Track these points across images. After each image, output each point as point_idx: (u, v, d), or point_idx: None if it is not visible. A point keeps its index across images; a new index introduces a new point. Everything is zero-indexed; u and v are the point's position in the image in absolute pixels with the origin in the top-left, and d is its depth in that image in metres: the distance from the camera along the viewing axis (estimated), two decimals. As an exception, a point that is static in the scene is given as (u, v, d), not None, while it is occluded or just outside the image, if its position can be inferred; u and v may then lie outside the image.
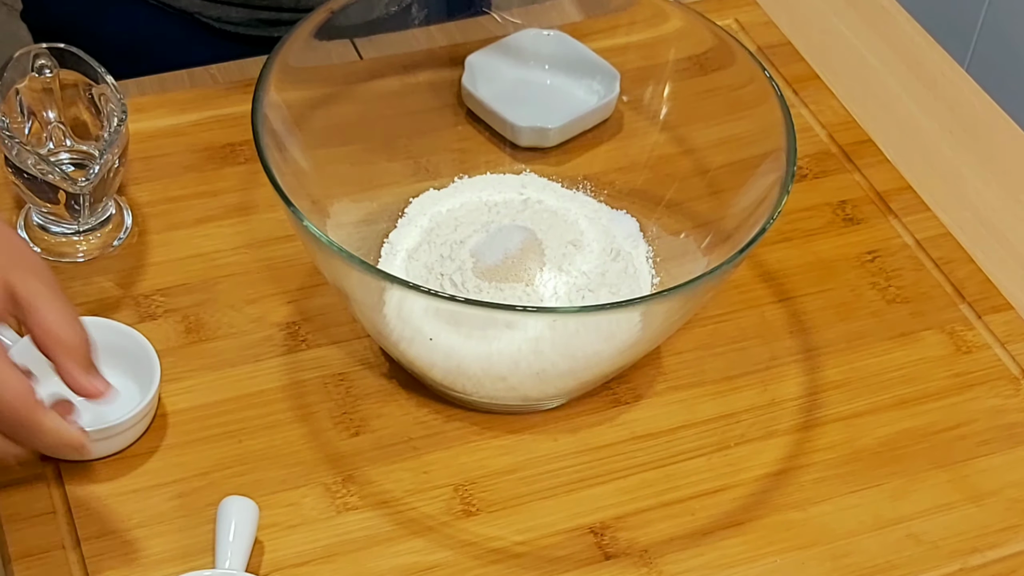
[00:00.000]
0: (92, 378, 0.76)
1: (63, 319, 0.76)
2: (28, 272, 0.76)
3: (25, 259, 0.77)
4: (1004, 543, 0.86)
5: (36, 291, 0.76)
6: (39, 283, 0.76)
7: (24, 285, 0.76)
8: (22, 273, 0.76)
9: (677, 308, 0.85)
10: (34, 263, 0.77)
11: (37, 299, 0.76)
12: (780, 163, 0.87)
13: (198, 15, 1.14)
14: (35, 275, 0.76)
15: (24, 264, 0.76)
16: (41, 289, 0.76)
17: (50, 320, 0.75)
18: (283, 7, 1.15)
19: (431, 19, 1.03)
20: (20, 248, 0.78)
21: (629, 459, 0.89)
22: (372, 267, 0.81)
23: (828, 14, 1.21)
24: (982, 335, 0.97)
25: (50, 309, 0.76)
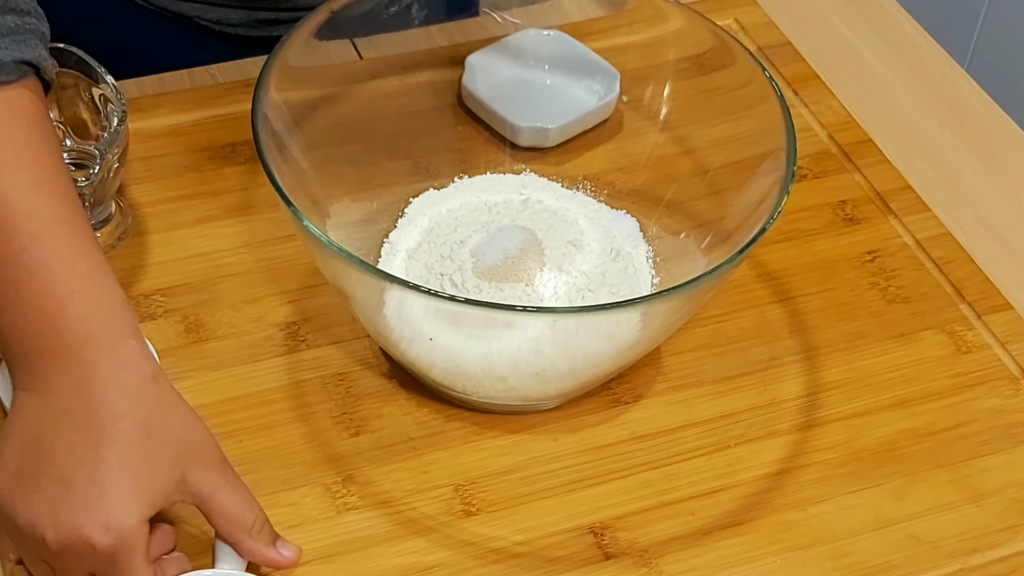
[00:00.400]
0: (281, 548, 0.77)
1: (244, 505, 0.77)
2: (205, 465, 0.76)
3: (203, 449, 0.77)
4: (1004, 543, 0.86)
5: (214, 484, 0.76)
6: (217, 475, 0.77)
7: (202, 480, 0.76)
8: (200, 469, 0.76)
9: (677, 308, 0.85)
10: (210, 452, 0.77)
11: (217, 492, 0.76)
12: (780, 163, 0.87)
13: (197, 19, 1.14)
14: (212, 467, 0.77)
15: (201, 456, 0.76)
16: (219, 481, 0.77)
17: (233, 510, 0.76)
18: (281, 7, 1.15)
19: (431, 19, 1.03)
20: (199, 436, 0.77)
21: (629, 459, 0.89)
22: (372, 267, 0.81)
23: (828, 14, 1.21)
24: (982, 335, 0.97)
25: (231, 500, 0.77)
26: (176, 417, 0.77)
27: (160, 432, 0.75)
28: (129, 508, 0.73)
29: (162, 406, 0.76)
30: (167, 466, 0.75)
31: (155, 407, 0.76)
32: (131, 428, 0.74)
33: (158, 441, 0.75)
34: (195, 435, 0.77)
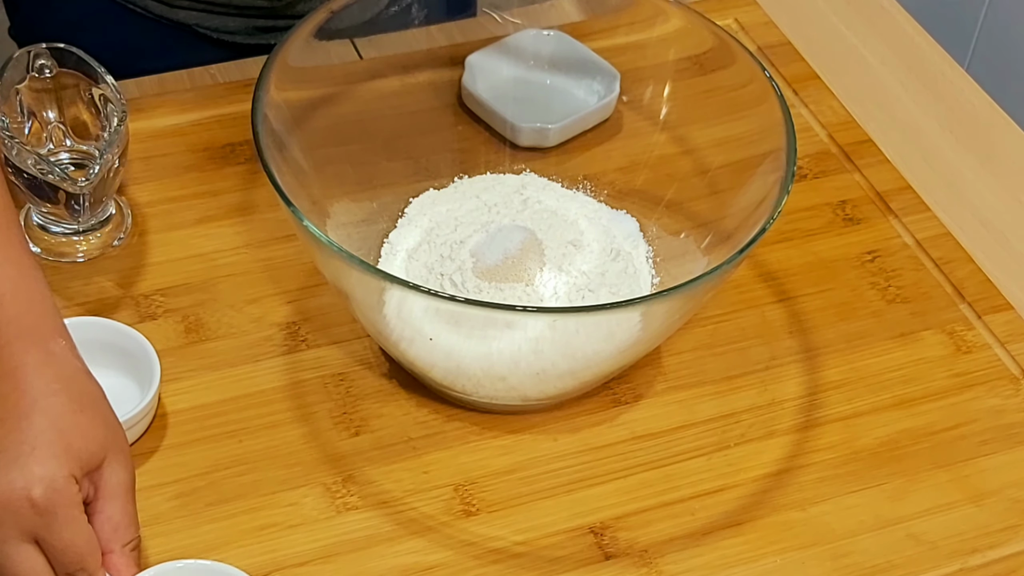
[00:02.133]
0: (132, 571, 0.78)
1: (131, 521, 0.78)
2: (123, 464, 0.78)
3: (123, 451, 0.78)
4: (1004, 543, 0.86)
5: (121, 485, 0.78)
6: (128, 479, 0.78)
7: (115, 475, 0.77)
8: (118, 465, 0.78)
9: (677, 308, 0.85)
10: (128, 457, 0.79)
11: (119, 494, 0.78)
12: (780, 163, 0.87)
13: (196, 26, 1.14)
14: (127, 471, 0.78)
15: (121, 455, 0.78)
16: (127, 485, 0.78)
17: (120, 520, 0.77)
18: (279, 15, 1.14)
19: (431, 19, 1.03)
20: (122, 437, 0.79)
21: (629, 459, 0.89)
22: (372, 267, 0.81)
23: (828, 14, 1.21)
24: (982, 335, 0.97)
25: (125, 509, 0.78)
26: (105, 410, 0.79)
27: (90, 413, 0.77)
28: (60, 462, 0.74)
29: (93, 396, 0.78)
30: (95, 441, 0.76)
31: (86, 395, 0.78)
32: (62, 402, 0.76)
33: (88, 419, 0.77)
34: (118, 432, 0.79)
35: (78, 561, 0.75)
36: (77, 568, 0.75)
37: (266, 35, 1.15)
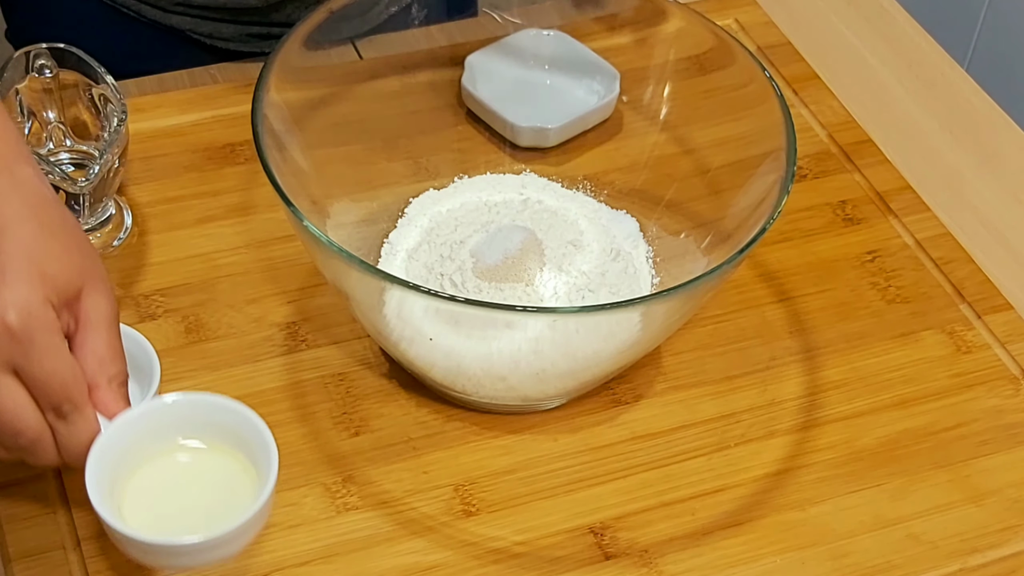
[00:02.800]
0: (121, 406, 0.75)
1: (115, 353, 0.75)
2: (102, 292, 0.75)
3: (101, 278, 0.75)
4: (1004, 543, 0.86)
5: (102, 315, 0.74)
6: (108, 308, 0.75)
7: (94, 305, 0.74)
8: (97, 294, 0.74)
9: (677, 308, 0.85)
10: (107, 285, 0.75)
11: (101, 324, 0.74)
12: (780, 163, 0.87)
13: (190, 32, 1.14)
14: (107, 299, 0.75)
15: (99, 282, 0.75)
16: (108, 315, 0.75)
17: (104, 352, 0.74)
18: (273, 22, 1.14)
19: (431, 19, 1.03)
20: (98, 264, 0.76)
21: (629, 459, 0.89)
22: (372, 267, 0.81)
23: (828, 14, 1.21)
24: (982, 335, 0.97)
25: (108, 341, 0.74)
26: (78, 237, 0.75)
27: (62, 240, 0.73)
28: (34, 287, 0.71)
29: (65, 222, 0.75)
30: (71, 268, 0.73)
31: (57, 221, 0.74)
32: (33, 229, 0.73)
33: (61, 246, 0.73)
34: (96, 260, 0.75)
35: (62, 392, 0.72)
36: (62, 400, 0.72)
37: (260, 42, 1.15)
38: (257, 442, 0.75)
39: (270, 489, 0.73)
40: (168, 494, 0.75)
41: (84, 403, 0.73)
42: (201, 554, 0.72)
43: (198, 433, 0.76)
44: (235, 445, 0.76)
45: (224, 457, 0.76)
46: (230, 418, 0.75)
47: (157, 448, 0.76)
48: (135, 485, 0.75)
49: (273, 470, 0.73)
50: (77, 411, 0.73)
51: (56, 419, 0.73)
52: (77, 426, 0.73)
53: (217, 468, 0.76)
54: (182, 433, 0.76)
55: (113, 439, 0.74)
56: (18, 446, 0.73)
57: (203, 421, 0.76)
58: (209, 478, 0.76)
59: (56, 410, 0.72)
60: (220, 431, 0.76)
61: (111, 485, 0.73)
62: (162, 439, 0.76)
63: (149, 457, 0.75)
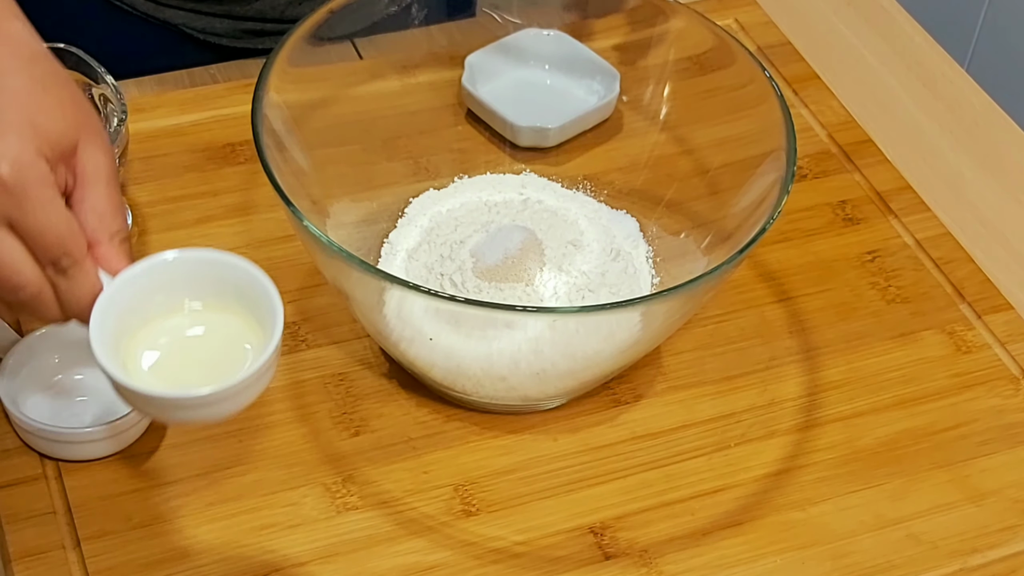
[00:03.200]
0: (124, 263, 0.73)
1: (117, 209, 0.73)
2: (98, 146, 0.73)
3: (97, 131, 0.73)
4: (1004, 543, 0.86)
5: (100, 168, 0.73)
6: (106, 161, 0.73)
7: (91, 158, 0.72)
8: (93, 148, 0.73)
9: (677, 308, 0.85)
10: (104, 139, 0.74)
11: (100, 178, 0.72)
12: (780, 163, 0.87)
13: (183, 26, 1.14)
14: (104, 153, 0.73)
15: (95, 136, 0.73)
16: (106, 168, 0.73)
17: (104, 208, 0.72)
18: (267, 18, 1.14)
19: (431, 19, 1.03)
20: (94, 118, 0.74)
21: (629, 459, 0.89)
22: (372, 267, 0.81)
23: (828, 14, 1.21)
24: (982, 335, 0.97)
25: (108, 196, 0.73)
26: (72, 91, 0.74)
27: (55, 93, 0.72)
28: (25, 139, 0.69)
29: (57, 76, 0.73)
30: (64, 120, 0.71)
31: (50, 75, 0.73)
32: (24, 82, 0.71)
33: (54, 99, 0.72)
34: (91, 114, 0.74)
35: (59, 245, 0.70)
36: (59, 253, 0.70)
37: (254, 39, 1.15)
38: (263, 300, 0.73)
39: (275, 344, 0.71)
40: (173, 351, 0.74)
41: (83, 257, 0.71)
42: (206, 407, 0.71)
43: (203, 292, 0.74)
44: (240, 304, 0.74)
45: (229, 315, 0.74)
46: (235, 275, 0.74)
47: (162, 306, 0.74)
48: (140, 343, 0.73)
49: (278, 326, 0.71)
50: (76, 265, 0.71)
51: (56, 274, 0.72)
52: (77, 280, 0.72)
53: (222, 326, 0.74)
54: (187, 292, 0.74)
55: (117, 296, 0.72)
56: (19, 302, 0.72)
57: (208, 279, 0.74)
58: (214, 336, 0.74)
59: (55, 264, 0.71)
60: (225, 289, 0.74)
61: (116, 342, 0.72)
62: (167, 297, 0.74)
63: (154, 315, 0.74)
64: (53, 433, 0.84)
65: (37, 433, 0.84)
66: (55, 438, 0.84)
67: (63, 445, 0.85)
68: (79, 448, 0.85)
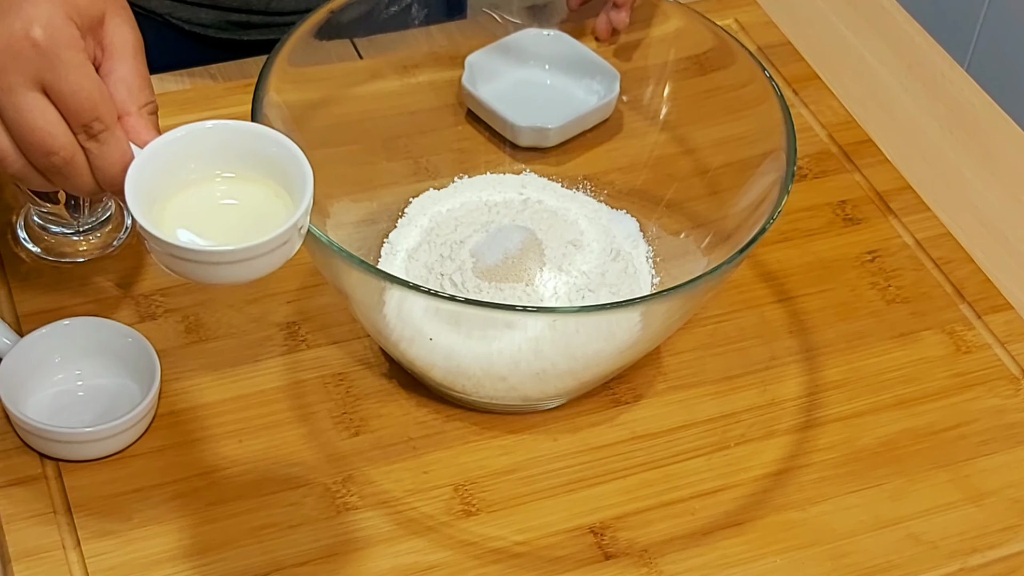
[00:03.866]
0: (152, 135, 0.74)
1: (144, 82, 0.74)
2: (124, 19, 0.74)
3: (124, 7, 0.75)
4: (1004, 543, 0.86)
5: (127, 42, 0.74)
6: (132, 36, 0.74)
7: (118, 31, 0.74)
8: (120, 20, 0.74)
9: (677, 308, 0.85)
10: (126, 8, 0.75)
11: (127, 52, 0.74)
12: (780, 163, 0.87)
13: (168, 16, 1.14)
14: (129, 23, 0.74)
15: (119, 5, 0.74)
16: (132, 42, 0.74)
17: (133, 80, 0.74)
18: (253, 9, 1.14)
19: (431, 19, 1.03)
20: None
21: (629, 459, 0.89)
22: (372, 267, 0.81)
23: (828, 14, 1.21)
24: (982, 335, 0.97)
25: (136, 69, 0.74)
26: None
27: None
28: (56, 5, 0.71)
29: None
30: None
31: None
32: None
33: None
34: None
35: (91, 109, 0.72)
36: (91, 117, 0.72)
37: (239, 31, 1.14)
38: (295, 171, 0.74)
39: (304, 209, 0.73)
40: (205, 217, 0.75)
41: (114, 123, 0.73)
42: (235, 265, 0.72)
43: (235, 162, 0.76)
44: (271, 175, 0.75)
45: (261, 186, 0.76)
46: (268, 147, 0.75)
47: (194, 175, 0.75)
48: (173, 207, 0.74)
49: (308, 195, 0.73)
50: (108, 130, 0.73)
51: (87, 139, 0.73)
52: (109, 145, 0.73)
53: (254, 195, 0.76)
54: (221, 161, 0.76)
55: (150, 162, 0.73)
56: (52, 167, 0.73)
57: (240, 149, 0.75)
58: (246, 203, 0.76)
59: (87, 129, 0.72)
60: (257, 160, 0.75)
61: (149, 206, 0.73)
62: (200, 166, 0.75)
63: (186, 184, 0.75)
64: (53, 433, 0.84)
65: (37, 433, 0.84)
66: (55, 438, 0.84)
67: (63, 445, 0.85)
68: (79, 448, 0.85)
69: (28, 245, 0.96)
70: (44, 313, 0.92)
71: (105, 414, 0.86)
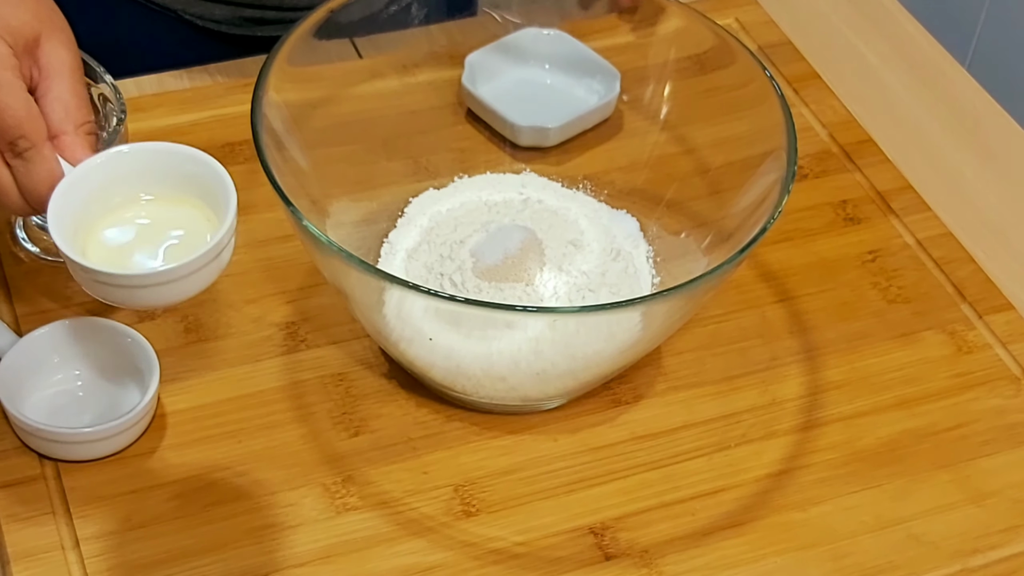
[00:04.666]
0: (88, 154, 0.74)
1: (81, 102, 0.74)
2: (62, 42, 0.74)
3: (63, 29, 0.75)
4: (1005, 543, 0.86)
5: (64, 64, 0.74)
6: (69, 57, 0.74)
7: (55, 54, 0.74)
8: (56, 43, 0.74)
9: (677, 308, 0.85)
10: (69, 37, 0.75)
11: (64, 73, 0.74)
12: (780, 163, 0.87)
13: (181, 12, 1.14)
14: (68, 49, 0.74)
15: (60, 33, 0.74)
16: (69, 64, 0.74)
17: (69, 100, 0.74)
18: (267, 5, 1.14)
19: (431, 19, 1.03)
20: (54, 10, 0.75)
21: (629, 459, 0.89)
22: (372, 267, 0.81)
23: (828, 13, 1.21)
24: (983, 335, 0.97)
25: (72, 89, 0.74)
26: None
27: None
28: None
29: None
30: (27, 11, 0.73)
31: None
32: None
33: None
34: (55, 12, 0.75)
35: (16, 127, 0.72)
36: (16, 136, 0.72)
37: (253, 27, 1.14)
38: (218, 189, 0.75)
39: (226, 228, 0.73)
40: (131, 240, 0.76)
41: (42, 142, 0.72)
42: (161, 286, 0.73)
43: (161, 184, 0.76)
44: (198, 195, 0.76)
45: (186, 207, 0.76)
46: (191, 167, 0.76)
47: (121, 197, 0.76)
48: (99, 232, 0.75)
49: (231, 213, 0.74)
50: (34, 149, 0.72)
51: (13, 157, 0.73)
52: (36, 164, 0.73)
53: (180, 217, 0.76)
54: (145, 183, 0.76)
55: (76, 185, 0.74)
56: None
57: (162, 171, 0.76)
58: (172, 226, 0.76)
59: (12, 147, 0.72)
60: (183, 181, 0.76)
61: (75, 229, 0.74)
62: (123, 190, 0.76)
63: (113, 207, 0.76)
64: (53, 433, 0.84)
65: (37, 433, 0.84)
66: (55, 438, 0.84)
67: (63, 445, 0.85)
68: (79, 448, 0.85)
69: (27, 245, 0.96)
70: (44, 313, 0.92)
71: (105, 414, 0.86)
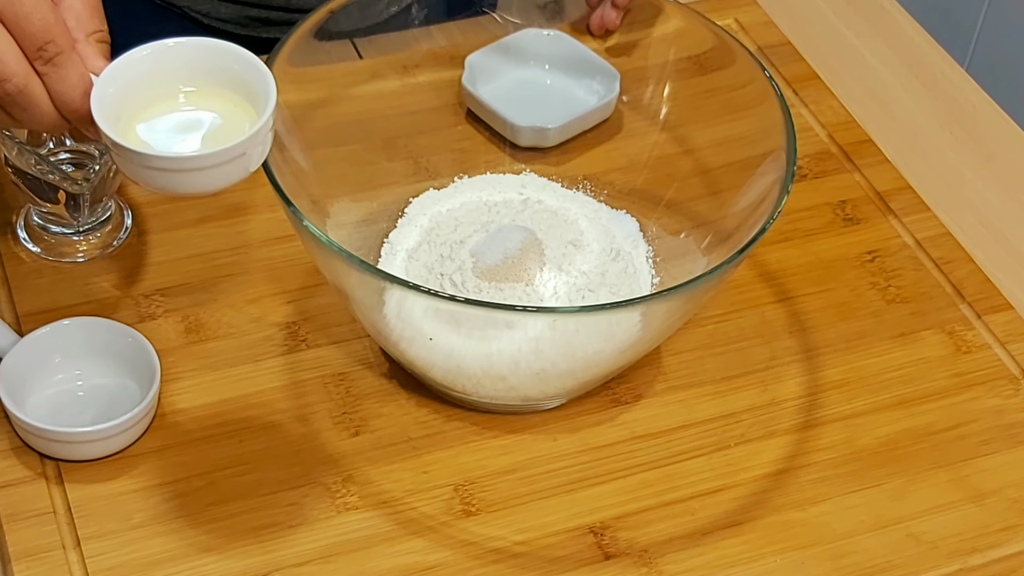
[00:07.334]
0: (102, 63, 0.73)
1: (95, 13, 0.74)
2: None
3: None
4: (1004, 543, 0.86)
5: None
6: None
7: None
8: None
9: (677, 308, 0.85)
10: None
11: None
12: (780, 163, 0.87)
13: (187, 9, 1.13)
14: None
15: None
16: None
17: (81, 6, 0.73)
18: (272, 5, 1.14)
19: (431, 19, 1.03)
20: None
21: (629, 459, 0.89)
22: (372, 267, 0.81)
23: (828, 14, 1.21)
24: (982, 335, 0.97)
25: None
26: None
27: None
28: None
29: None
30: None
31: None
32: None
33: None
34: None
35: (44, 32, 0.71)
36: (45, 41, 0.71)
37: (260, 27, 1.14)
38: (258, 84, 0.75)
39: (265, 118, 0.73)
40: (170, 129, 0.75)
41: (70, 47, 0.71)
42: (199, 172, 0.73)
43: (198, 77, 0.76)
44: (235, 89, 0.76)
45: (224, 100, 0.76)
46: (230, 62, 0.76)
47: (164, 88, 0.76)
48: (141, 120, 0.75)
49: (270, 104, 0.74)
50: (63, 54, 0.71)
51: (43, 64, 0.71)
52: (66, 69, 0.72)
53: (217, 107, 0.76)
54: (181, 77, 0.76)
55: (111, 83, 0.73)
56: (6, 95, 0.72)
57: (203, 65, 0.76)
58: (209, 115, 0.76)
59: (42, 53, 0.71)
60: (221, 75, 0.76)
61: (116, 118, 0.73)
62: (162, 82, 0.76)
63: (156, 97, 0.75)
64: (53, 433, 0.84)
65: (37, 433, 0.84)
66: (55, 438, 0.84)
67: (63, 445, 0.85)
68: (79, 448, 0.85)
69: (28, 245, 0.96)
70: (44, 313, 0.92)
71: (105, 414, 0.86)
